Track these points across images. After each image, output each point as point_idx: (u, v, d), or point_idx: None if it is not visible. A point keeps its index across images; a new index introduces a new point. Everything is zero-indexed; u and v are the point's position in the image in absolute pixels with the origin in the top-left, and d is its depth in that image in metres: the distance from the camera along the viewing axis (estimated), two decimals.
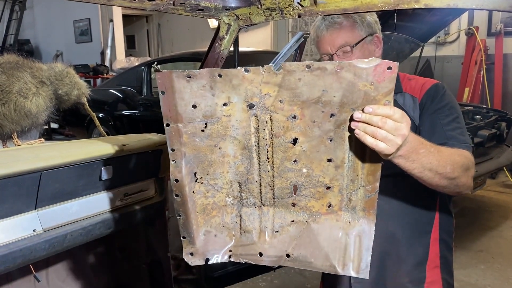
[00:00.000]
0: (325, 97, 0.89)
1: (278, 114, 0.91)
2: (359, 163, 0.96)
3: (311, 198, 0.99)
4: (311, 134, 0.93)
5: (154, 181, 1.77)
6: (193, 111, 0.90)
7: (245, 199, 1.01)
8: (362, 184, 0.98)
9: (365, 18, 1.39)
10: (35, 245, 1.33)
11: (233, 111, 0.91)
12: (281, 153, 0.95)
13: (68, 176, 1.41)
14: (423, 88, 1.44)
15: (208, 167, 0.96)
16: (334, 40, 1.39)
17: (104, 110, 5.75)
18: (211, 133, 0.92)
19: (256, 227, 1.02)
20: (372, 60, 0.85)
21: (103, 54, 9.71)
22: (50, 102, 1.56)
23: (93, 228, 1.51)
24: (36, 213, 1.35)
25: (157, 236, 1.86)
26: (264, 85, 0.89)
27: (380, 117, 0.91)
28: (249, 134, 0.94)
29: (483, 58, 5.64)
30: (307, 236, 1.02)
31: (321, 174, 0.97)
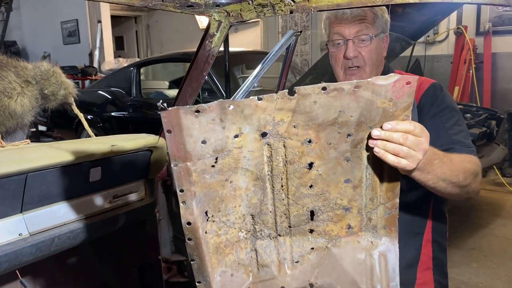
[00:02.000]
0: (342, 118, 0.85)
1: (292, 140, 0.86)
2: (378, 181, 0.93)
3: (329, 222, 0.95)
4: (327, 156, 0.88)
5: (144, 183, 1.73)
6: (202, 147, 0.83)
7: (259, 231, 0.95)
8: (382, 201, 0.94)
9: (383, 15, 1.40)
10: (21, 250, 1.28)
11: (245, 142, 0.85)
12: (296, 180, 0.90)
13: (55, 178, 1.36)
14: (420, 88, 1.41)
15: (219, 204, 0.90)
16: (356, 26, 1.37)
17: (92, 112, 5.68)
18: (221, 168, 0.86)
19: (274, 260, 0.96)
20: (391, 76, 0.82)
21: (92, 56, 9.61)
22: (35, 102, 1.52)
23: (82, 231, 1.47)
24: (22, 216, 1.31)
25: (147, 238, 1.83)
26: (278, 111, 0.83)
27: (401, 134, 0.87)
28: (262, 163, 0.88)
29: (472, 57, 5.67)
30: (329, 262, 0.97)
31: (339, 196, 0.92)
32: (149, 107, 5.37)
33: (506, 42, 5.65)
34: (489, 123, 4.04)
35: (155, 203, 1.78)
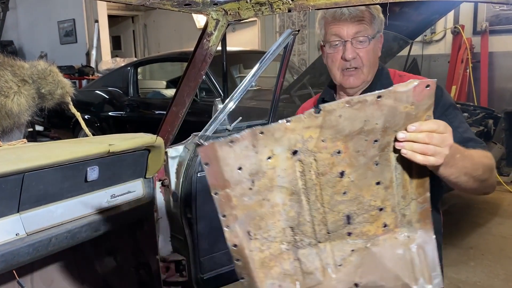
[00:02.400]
0: (367, 126, 0.89)
1: (322, 153, 0.91)
2: (407, 179, 0.97)
3: (366, 223, 0.99)
4: (356, 163, 0.93)
5: (141, 182, 1.72)
6: (239, 173, 0.87)
7: (300, 241, 0.98)
8: (413, 197, 0.98)
9: (379, 14, 1.40)
10: (18, 250, 1.28)
11: (277, 162, 0.89)
12: (329, 189, 0.94)
13: (52, 178, 1.36)
14: None
15: (259, 222, 0.94)
16: (354, 27, 1.36)
17: (90, 112, 5.67)
18: (258, 189, 0.90)
19: (318, 266, 1.00)
20: (411, 82, 0.87)
21: (89, 55, 9.58)
22: (32, 101, 1.51)
23: (79, 231, 1.46)
24: (19, 216, 1.30)
25: (145, 238, 1.82)
26: (306, 130, 0.88)
27: (426, 133, 0.91)
28: (296, 179, 0.92)
29: (469, 57, 5.68)
30: (371, 261, 1.01)
31: (372, 198, 0.97)
32: (146, 107, 5.36)
33: (503, 41, 5.67)
34: (486, 122, 4.05)
35: (153, 202, 1.78)
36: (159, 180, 1.84)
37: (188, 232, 1.83)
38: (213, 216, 1.93)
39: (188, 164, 1.81)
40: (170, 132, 1.77)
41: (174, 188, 1.84)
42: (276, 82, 2.17)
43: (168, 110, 1.75)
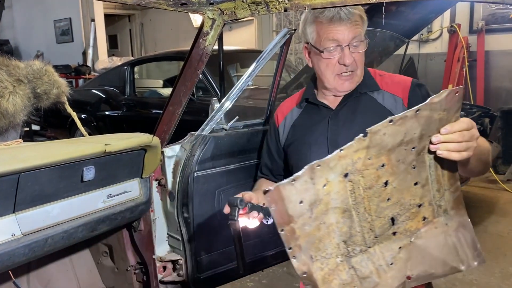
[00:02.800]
0: (407, 137, 0.97)
1: (369, 170, 0.98)
2: (440, 173, 1.06)
3: (408, 221, 1.07)
4: (398, 171, 1.01)
5: (138, 182, 1.72)
6: (300, 206, 0.94)
7: (352, 251, 1.05)
8: (446, 188, 1.08)
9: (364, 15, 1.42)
10: (13, 250, 1.27)
11: (332, 187, 0.97)
12: (376, 199, 1.02)
13: (48, 178, 1.35)
14: (403, 87, 1.45)
15: (318, 244, 1.01)
16: (352, 31, 1.37)
17: (86, 111, 5.65)
18: (316, 215, 0.97)
19: (372, 269, 1.06)
20: (443, 92, 0.95)
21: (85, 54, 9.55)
22: (28, 101, 1.50)
23: (75, 231, 1.46)
24: (15, 216, 1.30)
25: (142, 238, 1.82)
26: (355, 153, 0.96)
27: (458, 133, 0.99)
28: (347, 198, 0.99)
29: (465, 55, 5.70)
30: (418, 253, 1.10)
31: (411, 197, 1.05)
32: (143, 106, 5.35)
33: (499, 40, 5.68)
34: (483, 120, 4.06)
35: (149, 202, 1.77)
36: (156, 179, 1.84)
37: (185, 232, 1.83)
38: (210, 216, 1.94)
39: (185, 163, 1.81)
40: (166, 132, 1.77)
41: (171, 187, 1.84)
42: (273, 81, 2.17)
43: (165, 110, 1.75)
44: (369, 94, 1.48)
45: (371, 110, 1.45)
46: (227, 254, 1.91)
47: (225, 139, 1.90)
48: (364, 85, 1.49)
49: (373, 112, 1.45)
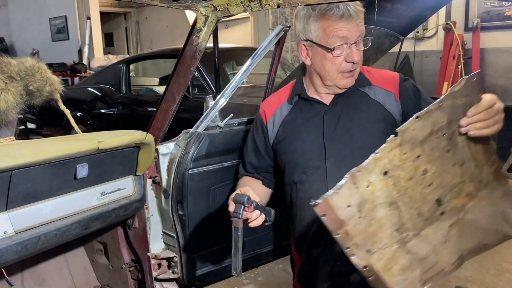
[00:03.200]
0: (436, 127, 1.03)
1: (406, 163, 1.04)
2: (474, 151, 1.11)
3: (453, 199, 1.12)
4: (433, 158, 1.06)
5: (132, 179, 1.72)
6: (349, 210, 1.00)
7: (406, 237, 1.10)
8: (483, 162, 1.14)
9: None
10: (6, 248, 1.27)
11: (374, 187, 1.02)
12: (418, 187, 1.07)
13: (40, 175, 1.35)
14: (393, 81, 1.48)
15: (373, 238, 1.06)
16: (358, 29, 1.38)
17: (82, 109, 5.64)
18: (365, 214, 1.03)
19: (428, 250, 1.12)
20: (462, 80, 1.01)
21: (81, 52, 9.52)
22: (20, 98, 1.49)
23: (69, 228, 1.45)
24: (7, 214, 1.29)
25: (136, 235, 1.81)
26: (389, 152, 1.01)
27: (484, 112, 1.04)
28: (390, 192, 1.05)
29: (460, 53, 5.71)
30: (469, 227, 1.16)
31: (452, 178, 1.11)
32: (139, 104, 5.34)
33: (494, 37, 5.70)
34: None
35: (144, 199, 1.77)
36: (150, 177, 1.84)
37: (179, 229, 1.83)
38: (205, 214, 1.94)
39: (179, 161, 1.80)
40: (160, 129, 1.76)
41: (165, 185, 1.83)
42: (268, 78, 2.16)
43: (158, 107, 1.74)
44: (360, 90, 1.50)
45: (365, 105, 1.47)
46: (222, 252, 1.91)
47: (220, 137, 1.90)
48: (357, 81, 1.49)
49: (367, 107, 1.47)
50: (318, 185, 1.44)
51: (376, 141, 1.33)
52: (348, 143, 1.44)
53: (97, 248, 1.95)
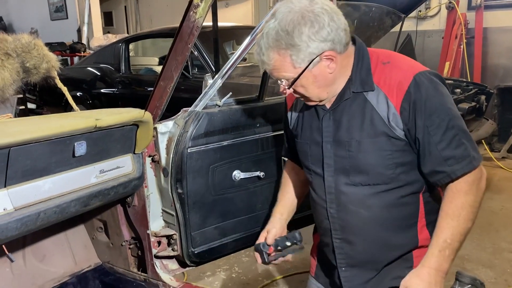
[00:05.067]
0: None
1: None
2: None
3: None
4: None
5: (131, 158, 1.72)
6: None
7: None
8: None
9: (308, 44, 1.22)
10: (6, 224, 1.28)
11: None
12: None
13: (39, 153, 1.35)
14: (399, 89, 1.26)
15: None
16: (271, 74, 1.32)
17: (82, 89, 5.62)
18: None
19: None
20: None
21: (80, 32, 9.42)
22: (17, 75, 1.49)
23: (68, 206, 1.47)
24: (6, 191, 1.30)
25: (136, 213, 1.83)
26: None
27: None
28: None
29: (463, 32, 5.65)
30: None
31: None
32: (138, 84, 5.31)
33: (497, 16, 5.63)
34: (479, 98, 4.06)
35: (143, 177, 1.78)
36: (149, 156, 1.84)
37: (179, 207, 1.84)
38: (204, 192, 1.95)
39: (178, 140, 1.80)
40: (158, 107, 1.75)
41: (165, 164, 1.84)
42: None
43: (156, 85, 1.73)
44: (364, 95, 1.32)
45: (365, 115, 1.32)
46: (221, 229, 1.93)
47: (219, 116, 1.89)
48: (359, 82, 1.33)
49: (367, 117, 1.32)
50: (318, 190, 1.45)
51: (373, 157, 1.31)
52: (345, 157, 1.36)
53: (97, 226, 1.97)
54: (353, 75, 1.33)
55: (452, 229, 1.24)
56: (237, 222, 1.96)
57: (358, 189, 1.35)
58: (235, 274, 2.70)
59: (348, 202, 1.37)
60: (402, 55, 1.40)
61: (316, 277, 1.62)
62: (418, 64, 1.35)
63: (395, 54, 1.38)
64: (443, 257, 1.24)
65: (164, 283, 1.75)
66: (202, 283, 2.60)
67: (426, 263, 1.26)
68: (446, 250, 1.24)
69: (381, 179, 1.32)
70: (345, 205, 1.38)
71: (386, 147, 1.29)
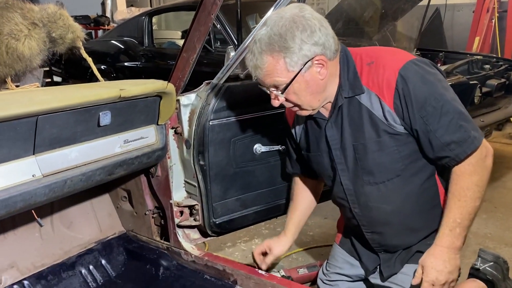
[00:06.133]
0: None
1: None
2: None
3: None
4: None
5: (154, 128, 1.74)
6: None
7: None
8: None
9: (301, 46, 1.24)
10: (35, 190, 1.33)
11: None
12: None
13: (65, 121, 1.38)
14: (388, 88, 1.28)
15: None
16: (264, 81, 1.33)
17: (106, 62, 5.66)
18: None
19: None
20: None
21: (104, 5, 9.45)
22: (43, 45, 1.51)
23: (93, 174, 1.51)
24: (35, 158, 1.34)
25: (159, 183, 1.87)
26: None
27: None
28: None
29: (495, 6, 5.44)
30: None
31: None
32: (161, 57, 5.32)
33: None
34: (509, 74, 3.92)
35: (166, 148, 1.81)
36: (172, 127, 1.86)
37: (201, 178, 1.87)
38: (225, 164, 1.96)
39: (200, 112, 1.81)
40: (181, 79, 1.76)
41: (187, 135, 1.86)
42: None
43: (179, 57, 1.73)
44: (356, 99, 1.34)
45: (362, 118, 1.35)
46: (242, 201, 1.95)
47: (241, 88, 1.89)
48: (348, 87, 1.35)
49: (365, 119, 1.34)
50: (340, 193, 1.50)
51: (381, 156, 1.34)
52: (355, 161, 1.40)
53: (122, 195, 2.02)
54: (342, 81, 1.35)
55: (461, 208, 1.28)
56: (257, 195, 1.98)
57: (375, 188, 1.40)
58: (255, 245, 2.74)
59: (368, 201, 1.43)
60: (384, 49, 1.42)
61: (341, 245, 1.71)
62: (401, 54, 1.34)
63: (377, 51, 1.40)
64: (454, 235, 1.29)
65: (186, 252, 1.79)
66: (222, 253, 2.65)
67: (438, 242, 1.31)
68: (456, 228, 1.29)
69: (393, 173, 1.36)
70: (367, 204, 1.43)
71: (390, 144, 1.33)
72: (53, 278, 1.73)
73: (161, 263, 1.82)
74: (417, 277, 1.33)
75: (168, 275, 1.78)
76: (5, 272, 1.65)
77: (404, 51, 1.40)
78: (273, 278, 1.54)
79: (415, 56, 1.34)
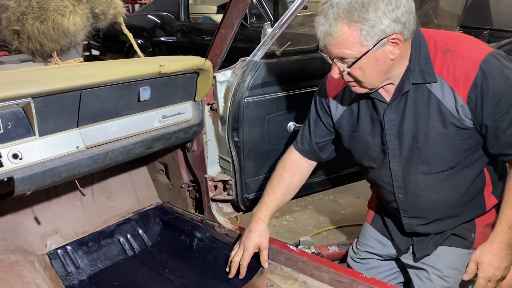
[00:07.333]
0: None
1: None
2: None
3: None
4: None
5: (191, 104, 1.78)
6: None
7: None
8: None
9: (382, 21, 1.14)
10: (78, 161, 1.39)
11: None
12: None
13: (107, 96, 1.43)
14: (465, 80, 1.21)
15: None
16: (330, 51, 1.22)
17: (142, 37, 5.75)
18: None
19: None
20: None
21: None
22: (87, 20, 1.55)
23: (133, 147, 1.56)
24: (78, 131, 1.40)
25: (195, 158, 1.91)
26: None
27: None
28: None
29: None
30: None
31: None
32: (197, 32, 5.35)
33: None
34: None
35: (202, 124, 1.84)
36: (208, 104, 1.89)
37: (235, 155, 1.90)
38: (259, 141, 1.99)
39: (236, 89, 1.83)
40: (218, 56, 1.78)
41: (222, 112, 1.88)
42: None
43: (216, 33, 1.75)
44: (426, 87, 1.27)
45: (430, 107, 1.28)
46: None
47: (276, 66, 1.89)
48: (418, 72, 1.27)
49: (433, 110, 1.28)
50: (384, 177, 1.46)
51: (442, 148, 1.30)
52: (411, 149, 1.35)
53: (159, 168, 2.08)
54: (411, 65, 1.27)
55: None
56: None
57: (427, 177, 1.37)
58: (286, 222, 2.78)
59: (416, 189, 1.41)
60: (461, 36, 1.33)
61: (372, 224, 1.71)
62: (480, 46, 1.27)
63: (454, 38, 1.31)
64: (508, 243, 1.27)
65: (219, 225, 1.84)
66: None
67: (496, 239, 1.28)
68: None
69: (449, 165, 1.34)
70: (414, 192, 1.42)
71: (456, 137, 1.29)
72: (93, 245, 1.82)
73: (195, 235, 1.88)
74: (470, 273, 1.30)
75: (202, 246, 1.84)
76: (50, 237, 1.75)
77: (480, 41, 1.31)
78: (303, 254, 1.57)
79: (492, 48, 1.26)
